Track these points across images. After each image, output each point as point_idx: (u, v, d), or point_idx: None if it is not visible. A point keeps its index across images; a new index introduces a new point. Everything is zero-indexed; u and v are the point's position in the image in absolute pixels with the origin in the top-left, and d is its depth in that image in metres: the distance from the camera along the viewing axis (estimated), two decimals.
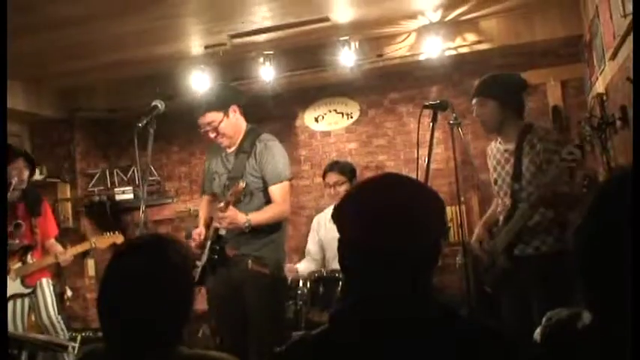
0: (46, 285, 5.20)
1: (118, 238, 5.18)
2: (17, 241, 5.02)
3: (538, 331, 1.84)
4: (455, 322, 1.56)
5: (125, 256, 2.01)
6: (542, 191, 3.67)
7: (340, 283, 4.68)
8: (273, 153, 4.24)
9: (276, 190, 4.18)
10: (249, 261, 4.05)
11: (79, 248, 5.16)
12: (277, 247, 4.22)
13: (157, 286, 1.90)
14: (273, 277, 4.10)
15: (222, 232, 4.09)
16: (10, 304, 4.97)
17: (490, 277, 4.01)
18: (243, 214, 4.00)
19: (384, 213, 1.58)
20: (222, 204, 3.99)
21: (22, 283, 5.00)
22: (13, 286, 4.98)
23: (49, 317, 5.11)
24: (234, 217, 3.96)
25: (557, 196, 3.67)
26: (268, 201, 4.19)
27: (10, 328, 4.88)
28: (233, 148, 4.27)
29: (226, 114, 4.18)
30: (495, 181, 4.09)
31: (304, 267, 5.44)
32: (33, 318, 5.24)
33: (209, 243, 4.11)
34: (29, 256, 5.04)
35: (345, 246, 1.64)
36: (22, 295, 5.04)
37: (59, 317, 5.18)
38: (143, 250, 1.99)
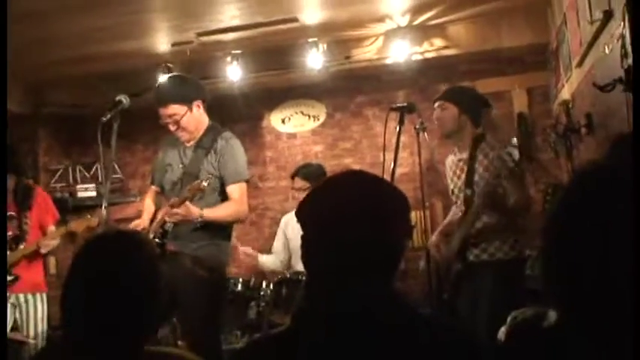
0: (40, 302, 5.07)
1: (92, 222, 5.05)
2: (10, 233, 4.98)
3: (503, 330, 1.84)
4: (417, 322, 1.55)
5: (91, 254, 1.96)
6: (481, 193, 3.78)
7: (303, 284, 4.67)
8: (235, 151, 4.15)
9: (235, 190, 4.06)
10: (187, 260, 3.91)
11: (56, 233, 5.03)
12: (220, 249, 4.08)
13: (124, 285, 1.85)
14: (210, 279, 3.94)
15: (168, 227, 3.94)
16: None
17: (446, 283, 4.05)
18: (197, 208, 3.86)
19: (345, 210, 1.56)
20: (175, 199, 3.86)
21: (9, 272, 4.92)
22: None
23: (37, 334, 5.02)
24: (187, 212, 3.81)
25: (497, 199, 3.78)
26: (222, 200, 4.06)
27: None
28: (192, 143, 4.16)
29: (190, 108, 4.09)
30: (452, 192, 4.19)
31: (269, 260, 5.40)
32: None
33: (151, 236, 3.91)
34: (20, 247, 4.99)
35: (307, 243, 1.62)
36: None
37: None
38: (109, 248, 1.94)
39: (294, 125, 7.22)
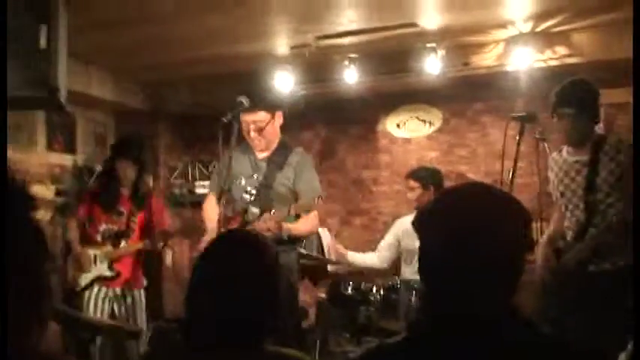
0: (139, 298, 5.27)
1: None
2: (116, 227, 5.17)
3: (623, 356, 1.75)
4: (541, 341, 1.49)
5: (219, 253, 2.00)
6: (623, 219, 3.50)
7: (414, 292, 4.62)
8: (310, 166, 4.23)
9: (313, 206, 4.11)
10: None
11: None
12: (291, 255, 4.13)
13: (253, 286, 1.89)
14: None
15: None
16: (94, 289, 5.09)
17: (557, 300, 3.81)
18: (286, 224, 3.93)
19: (468, 222, 1.53)
20: (268, 214, 3.92)
21: (109, 267, 5.11)
22: (99, 268, 5.10)
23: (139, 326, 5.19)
24: (279, 228, 3.90)
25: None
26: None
27: (87, 312, 5.01)
28: (265, 154, 4.20)
29: (274, 117, 4.13)
30: (562, 194, 3.91)
31: (363, 258, 5.40)
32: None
33: None
34: (123, 242, 5.17)
35: (425, 256, 1.59)
36: (104, 279, 5.13)
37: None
38: (238, 248, 1.98)
39: (409, 130, 7.18)
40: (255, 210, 4.04)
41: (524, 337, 1.49)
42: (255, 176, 4.19)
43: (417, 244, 1.62)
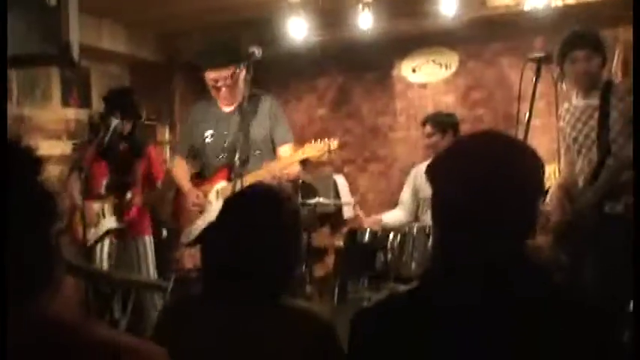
0: (149, 244, 5.31)
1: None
2: (119, 179, 5.19)
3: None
4: (557, 298, 1.49)
5: (237, 207, 2.02)
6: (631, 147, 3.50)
7: (431, 239, 4.62)
8: (282, 112, 4.33)
9: (287, 151, 4.26)
10: None
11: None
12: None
13: (270, 238, 1.91)
14: None
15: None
16: (105, 243, 5.13)
17: (570, 245, 3.85)
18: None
19: (480, 173, 1.51)
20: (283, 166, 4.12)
21: (118, 219, 5.14)
22: (108, 221, 5.14)
23: (148, 275, 5.23)
24: (295, 175, 4.25)
25: None
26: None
27: (100, 266, 5.06)
28: (232, 107, 4.21)
29: (241, 70, 4.12)
30: (575, 139, 3.95)
31: (393, 217, 5.39)
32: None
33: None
34: (128, 194, 5.19)
35: (438, 204, 1.59)
36: (115, 232, 5.15)
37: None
38: (257, 201, 1.99)
39: (425, 74, 7.09)
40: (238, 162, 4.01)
41: (537, 290, 1.48)
42: (225, 133, 4.24)
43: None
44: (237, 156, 3.85)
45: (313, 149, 4.22)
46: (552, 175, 5.95)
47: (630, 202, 3.61)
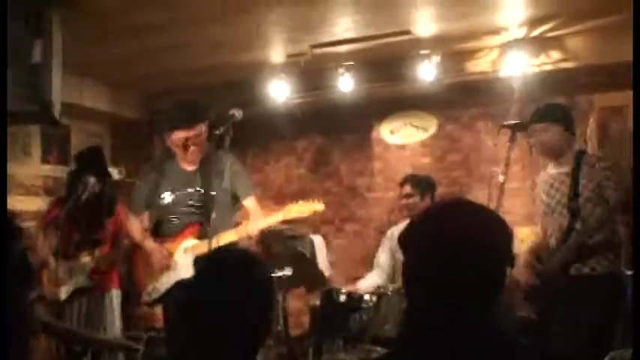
0: (115, 297, 5.24)
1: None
2: (88, 237, 5.15)
3: None
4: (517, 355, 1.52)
5: (211, 270, 2.01)
6: (605, 211, 3.79)
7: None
8: (242, 168, 4.41)
9: (252, 203, 4.34)
10: None
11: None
12: None
13: (242, 306, 1.90)
14: None
15: None
16: (75, 300, 5.08)
17: (540, 303, 4.04)
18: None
19: (447, 239, 1.56)
20: (254, 223, 4.18)
21: (87, 277, 5.09)
22: (77, 280, 5.06)
23: (114, 335, 5.15)
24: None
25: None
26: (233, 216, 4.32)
27: (71, 323, 4.99)
28: (195, 166, 4.26)
29: (207, 127, 4.19)
30: (548, 205, 4.10)
31: (368, 283, 5.39)
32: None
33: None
34: (97, 251, 5.15)
35: (409, 272, 1.62)
36: (85, 290, 5.09)
37: (122, 336, 5.21)
38: (229, 268, 1.99)
39: (403, 136, 7.18)
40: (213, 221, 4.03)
41: (505, 352, 1.51)
42: (191, 190, 4.25)
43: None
44: (213, 213, 3.86)
45: (298, 211, 4.23)
46: (527, 237, 6.02)
47: (598, 265, 3.83)
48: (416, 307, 1.61)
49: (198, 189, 4.24)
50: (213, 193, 4.04)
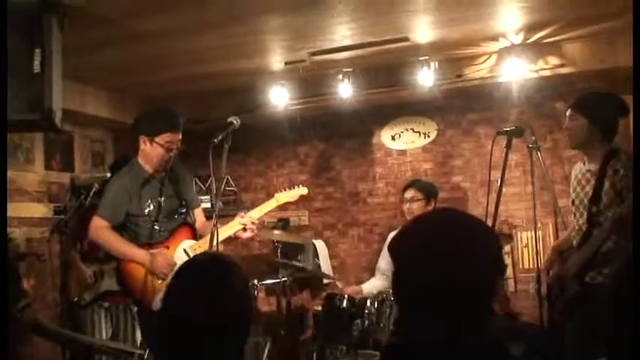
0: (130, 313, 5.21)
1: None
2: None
3: None
4: None
5: (188, 277, 2.03)
6: (617, 216, 3.59)
7: None
8: (190, 177, 4.62)
9: (201, 212, 4.59)
10: None
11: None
12: None
13: (219, 311, 1.91)
14: None
15: None
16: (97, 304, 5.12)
17: (559, 305, 3.93)
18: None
19: (434, 248, 1.58)
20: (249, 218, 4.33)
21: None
22: (106, 283, 5.12)
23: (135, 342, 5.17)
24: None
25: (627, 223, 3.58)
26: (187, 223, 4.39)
27: (89, 328, 5.04)
28: (163, 173, 4.31)
29: None
30: (573, 202, 4.05)
31: (370, 286, 5.43)
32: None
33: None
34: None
35: (398, 283, 1.64)
36: (112, 293, 5.09)
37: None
38: (206, 273, 2.00)
39: (404, 142, 7.22)
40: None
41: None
42: (163, 198, 4.28)
43: None
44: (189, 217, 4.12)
45: (288, 196, 4.69)
46: (529, 242, 6.06)
47: (608, 270, 3.67)
48: (405, 317, 1.62)
49: (167, 195, 4.31)
50: (187, 198, 4.40)
